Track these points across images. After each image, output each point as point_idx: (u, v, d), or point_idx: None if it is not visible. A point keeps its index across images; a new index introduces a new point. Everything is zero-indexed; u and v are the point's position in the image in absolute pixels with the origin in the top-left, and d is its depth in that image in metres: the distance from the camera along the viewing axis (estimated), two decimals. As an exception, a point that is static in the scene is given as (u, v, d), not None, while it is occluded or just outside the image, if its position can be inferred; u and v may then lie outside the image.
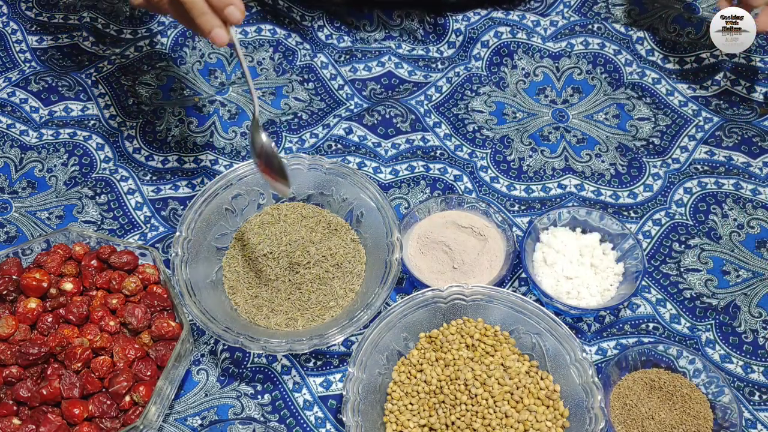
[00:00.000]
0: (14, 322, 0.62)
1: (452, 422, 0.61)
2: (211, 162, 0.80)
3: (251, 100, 0.62)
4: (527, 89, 0.86)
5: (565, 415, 0.61)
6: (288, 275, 0.70)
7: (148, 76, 0.87)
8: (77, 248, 0.67)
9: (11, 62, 0.88)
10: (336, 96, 0.86)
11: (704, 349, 0.68)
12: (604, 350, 0.68)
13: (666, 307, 0.70)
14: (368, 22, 0.91)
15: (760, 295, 0.70)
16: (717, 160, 0.79)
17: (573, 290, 0.69)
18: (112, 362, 0.61)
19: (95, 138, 0.82)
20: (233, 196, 0.72)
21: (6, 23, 0.92)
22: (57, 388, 0.59)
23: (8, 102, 0.85)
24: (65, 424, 0.58)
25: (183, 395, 0.66)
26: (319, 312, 0.68)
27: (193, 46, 0.89)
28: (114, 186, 0.78)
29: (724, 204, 0.76)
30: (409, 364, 0.64)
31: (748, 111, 0.83)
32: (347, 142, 0.82)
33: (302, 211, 0.74)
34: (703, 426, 0.62)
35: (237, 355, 0.68)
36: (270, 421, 0.64)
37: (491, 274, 0.70)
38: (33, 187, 0.78)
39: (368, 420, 0.60)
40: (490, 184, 0.79)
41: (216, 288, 0.69)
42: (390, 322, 0.63)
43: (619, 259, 0.71)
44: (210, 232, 0.71)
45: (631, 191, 0.78)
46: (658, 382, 0.64)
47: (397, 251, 0.66)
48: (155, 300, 0.64)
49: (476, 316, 0.66)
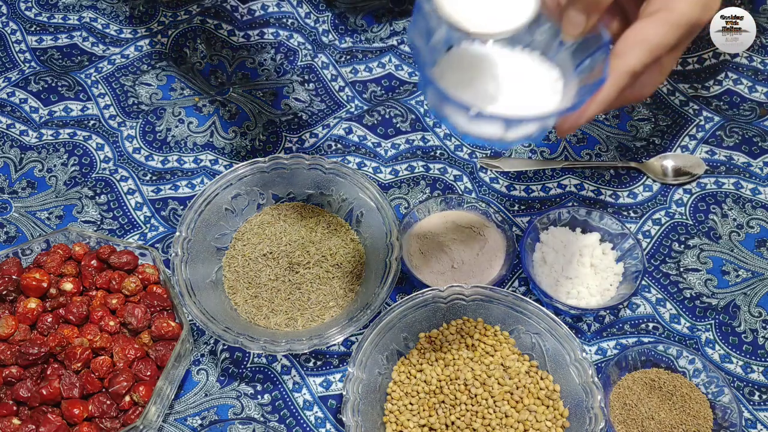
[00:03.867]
0: (14, 322, 0.62)
1: (452, 422, 0.61)
2: (211, 162, 0.80)
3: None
4: (527, 89, 0.86)
5: (565, 415, 0.61)
6: (288, 275, 0.70)
7: (148, 76, 0.87)
8: (77, 248, 0.67)
9: (11, 62, 0.88)
10: (336, 98, 0.86)
11: (704, 348, 0.68)
12: (604, 350, 0.68)
13: (666, 307, 0.70)
14: (366, 23, 0.91)
15: (759, 294, 0.70)
16: (717, 160, 0.79)
17: (573, 290, 0.69)
18: (112, 362, 0.61)
19: (95, 138, 0.82)
20: (233, 196, 0.72)
21: (6, 23, 0.92)
22: (57, 388, 0.59)
23: (8, 102, 0.85)
24: (65, 424, 0.58)
25: (183, 395, 0.66)
26: (319, 312, 0.68)
27: (194, 47, 0.89)
28: (114, 186, 0.79)
29: (724, 204, 0.76)
30: (409, 364, 0.64)
31: (749, 112, 0.83)
32: (347, 142, 0.82)
33: (302, 211, 0.74)
34: (703, 426, 0.62)
35: (237, 355, 0.68)
36: (270, 421, 0.65)
37: (491, 274, 0.70)
38: (33, 187, 0.78)
39: (368, 420, 0.60)
40: (489, 184, 0.79)
41: (216, 288, 0.69)
42: (390, 322, 0.63)
43: (619, 258, 0.71)
44: (210, 232, 0.71)
45: (631, 191, 0.78)
46: (657, 382, 0.64)
47: (397, 251, 0.66)
48: (155, 300, 0.64)
49: (476, 316, 0.66)
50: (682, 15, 0.43)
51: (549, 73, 0.48)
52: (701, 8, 0.43)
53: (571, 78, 0.47)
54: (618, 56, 0.44)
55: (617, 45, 0.44)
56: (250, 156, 0.81)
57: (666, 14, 0.43)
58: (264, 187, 0.74)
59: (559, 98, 0.47)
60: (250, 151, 0.81)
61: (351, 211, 0.73)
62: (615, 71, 0.44)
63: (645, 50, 0.43)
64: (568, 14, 0.44)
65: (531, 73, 0.48)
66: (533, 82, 0.47)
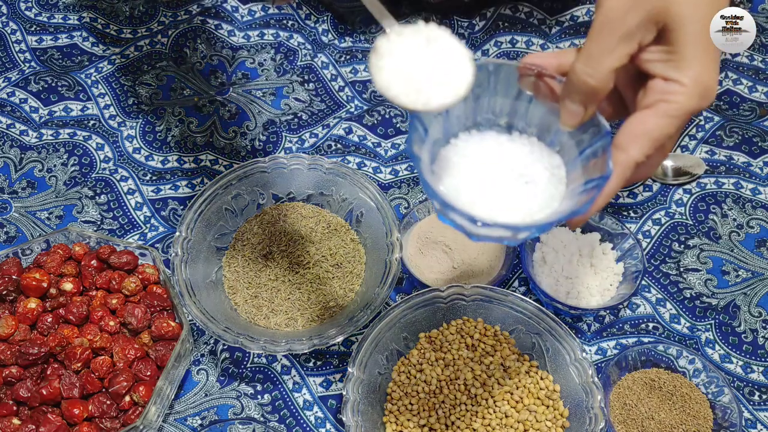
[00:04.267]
0: (14, 322, 0.62)
1: (452, 422, 0.61)
2: (211, 162, 0.80)
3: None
4: (527, 89, 0.86)
5: (565, 415, 0.61)
6: (288, 275, 0.70)
7: (148, 76, 0.87)
8: (77, 248, 0.67)
9: (11, 62, 0.88)
10: (336, 98, 0.86)
11: (704, 348, 0.68)
12: (604, 350, 0.68)
13: (666, 307, 0.70)
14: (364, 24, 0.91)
15: (759, 294, 0.71)
16: (717, 160, 0.79)
17: (573, 290, 0.69)
18: (112, 362, 0.61)
19: (95, 138, 0.82)
20: (233, 196, 0.72)
21: (6, 23, 0.92)
22: (57, 388, 0.59)
23: (8, 102, 0.85)
24: (65, 424, 0.58)
25: (183, 395, 0.66)
26: (319, 312, 0.68)
27: (194, 47, 0.89)
28: (114, 186, 0.79)
29: (724, 204, 0.76)
30: (409, 364, 0.64)
31: (748, 112, 0.83)
32: (347, 142, 0.82)
33: (302, 211, 0.74)
34: (702, 426, 0.62)
35: (237, 355, 0.68)
36: (270, 421, 0.65)
37: (491, 274, 0.70)
38: (33, 187, 0.78)
39: (368, 420, 0.60)
40: (490, 184, 0.78)
41: (216, 288, 0.69)
42: (390, 322, 0.63)
43: (618, 258, 0.71)
44: (210, 232, 0.71)
45: (630, 191, 0.78)
46: (657, 382, 0.64)
47: (397, 251, 0.66)
48: (155, 300, 0.64)
49: (476, 316, 0.66)
50: (681, 106, 0.43)
51: (551, 159, 0.47)
52: (699, 98, 0.43)
53: (574, 165, 0.47)
54: (621, 149, 0.44)
55: (619, 137, 0.45)
56: (250, 156, 0.81)
57: (665, 106, 0.43)
58: (264, 187, 0.74)
59: (564, 188, 0.46)
60: (250, 151, 0.81)
61: (351, 211, 0.73)
62: (619, 165, 0.44)
63: (647, 142, 0.44)
64: (565, 104, 0.45)
65: (534, 163, 0.47)
66: (539, 176, 0.46)
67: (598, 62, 0.43)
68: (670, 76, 0.43)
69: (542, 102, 0.47)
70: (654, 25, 0.43)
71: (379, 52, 0.42)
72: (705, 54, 0.43)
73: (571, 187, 0.46)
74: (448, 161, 0.47)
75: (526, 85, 0.47)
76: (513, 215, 0.44)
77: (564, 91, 0.45)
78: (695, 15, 0.42)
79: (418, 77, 0.41)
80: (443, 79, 0.42)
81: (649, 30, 0.43)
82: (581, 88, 0.44)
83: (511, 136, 0.49)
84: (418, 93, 0.41)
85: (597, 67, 0.43)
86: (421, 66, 0.41)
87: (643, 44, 0.44)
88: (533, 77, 0.47)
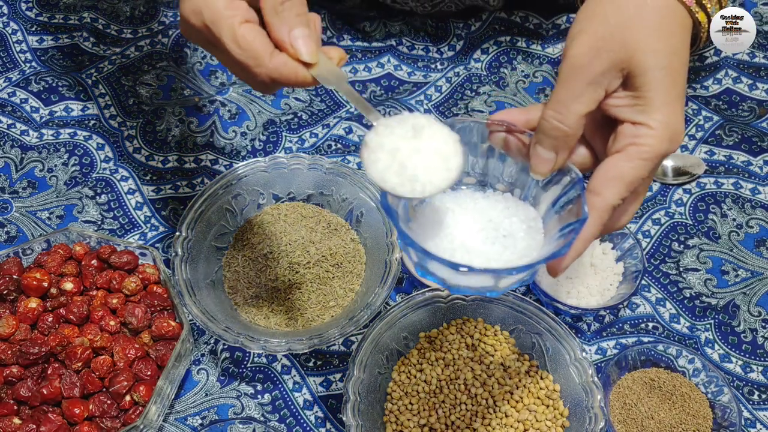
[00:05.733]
0: (15, 322, 0.62)
1: (452, 422, 0.61)
2: (211, 162, 0.80)
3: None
4: (527, 88, 0.86)
5: (565, 415, 0.61)
6: (288, 275, 0.70)
7: (148, 76, 0.87)
8: (77, 248, 0.67)
9: (11, 62, 0.89)
10: (336, 97, 0.86)
11: (703, 348, 0.68)
12: (604, 350, 0.68)
13: (665, 307, 0.70)
14: (368, 24, 0.91)
15: (759, 294, 0.71)
16: (717, 160, 0.79)
17: (573, 290, 0.69)
18: (113, 362, 0.61)
19: (95, 138, 0.82)
20: (233, 196, 0.72)
21: (6, 23, 0.92)
22: (57, 387, 0.59)
23: (8, 102, 0.85)
24: (65, 424, 0.58)
25: (183, 395, 0.66)
26: (319, 312, 0.68)
27: (194, 47, 0.89)
28: (114, 186, 0.79)
29: (724, 204, 0.76)
30: (409, 363, 0.64)
31: (747, 112, 0.83)
32: (347, 142, 0.82)
33: (302, 211, 0.74)
34: (702, 425, 0.62)
35: (237, 355, 0.68)
36: (270, 420, 0.65)
37: (491, 274, 0.70)
38: (33, 187, 0.78)
39: (368, 420, 0.60)
40: (489, 183, 0.79)
41: (216, 288, 0.69)
42: (390, 321, 0.63)
43: (618, 258, 0.71)
44: (210, 232, 0.71)
45: (630, 191, 0.78)
46: (657, 382, 0.64)
47: (397, 251, 0.67)
48: (155, 300, 0.64)
49: (476, 316, 0.66)
50: (651, 149, 0.44)
51: (526, 212, 0.48)
52: (668, 142, 0.44)
53: (550, 215, 0.47)
54: (595, 193, 0.45)
55: (592, 182, 0.45)
56: (250, 156, 0.81)
57: (636, 149, 0.44)
58: (264, 187, 0.74)
59: (541, 237, 0.47)
60: (250, 151, 0.81)
61: (351, 211, 0.73)
62: (595, 209, 0.45)
63: (621, 186, 0.45)
64: (536, 151, 0.46)
65: (510, 217, 0.48)
66: (516, 228, 0.47)
67: (568, 108, 0.44)
68: (639, 120, 0.44)
69: (513, 157, 0.48)
70: (619, 72, 0.44)
71: (369, 146, 0.43)
72: (670, 100, 0.44)
73: (549, 236, 0.47)
74: (425, 218, 0.47)
75: (496, 141, 0.48)
76: (494, 264, 0.45)
77: (535, 138, 0.46)
78: (658, 63, 0.43)
79: (410, 166, 0.42)
80: (435, 165, 0.43)
81: (615, 77, 0.44)
82: (552, 133, 0.45)
83: (485, 192, 0.50)
84: (413, 182, 0.42)
85: (566, 113, 0.44)
86: (412, 155, 0.42)
87: (610, 91, 0.45)
88: (503, 133, 0.47)
